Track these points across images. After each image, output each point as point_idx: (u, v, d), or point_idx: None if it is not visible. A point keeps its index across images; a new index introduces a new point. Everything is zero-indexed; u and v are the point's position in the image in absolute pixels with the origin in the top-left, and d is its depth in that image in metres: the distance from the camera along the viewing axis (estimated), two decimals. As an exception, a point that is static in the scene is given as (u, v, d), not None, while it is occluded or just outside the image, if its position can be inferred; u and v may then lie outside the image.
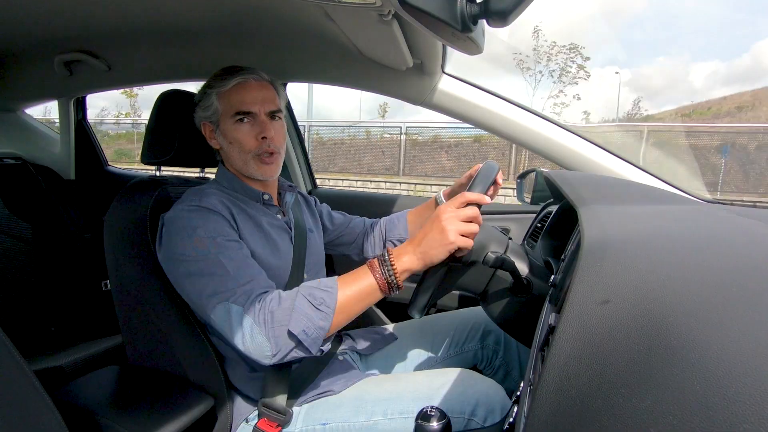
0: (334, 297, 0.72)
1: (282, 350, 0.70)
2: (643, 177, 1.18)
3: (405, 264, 0.74)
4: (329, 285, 0.74)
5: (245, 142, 0.87)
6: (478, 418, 0.77)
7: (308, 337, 0.69)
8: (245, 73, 0.88)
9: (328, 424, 0.80)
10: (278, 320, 0.69)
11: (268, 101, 0.88)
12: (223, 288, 0.72)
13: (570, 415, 0.26)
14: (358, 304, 0.74)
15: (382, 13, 0.73)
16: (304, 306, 0.70)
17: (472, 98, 1.21)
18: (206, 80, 0.95)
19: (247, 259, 0.78)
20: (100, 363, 1.33)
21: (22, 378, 0.53)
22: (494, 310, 0.88)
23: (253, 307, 0.70)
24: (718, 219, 0.59)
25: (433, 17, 0.52)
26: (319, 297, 0.71)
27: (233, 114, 0.86)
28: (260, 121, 0.87)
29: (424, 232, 0.74)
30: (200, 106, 0.91)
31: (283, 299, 0.72)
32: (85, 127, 1.88)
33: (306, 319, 0.69)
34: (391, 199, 1.61)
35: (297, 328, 0.69)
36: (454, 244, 0.72)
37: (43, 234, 1.57)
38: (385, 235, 1.15)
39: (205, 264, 0.74)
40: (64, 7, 0.99)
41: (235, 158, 0.89)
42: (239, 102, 0.86)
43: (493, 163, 0.87)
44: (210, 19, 1.05)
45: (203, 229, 0.77)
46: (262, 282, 0.75)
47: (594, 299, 0.32)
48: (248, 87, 0.87)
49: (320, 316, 0.70)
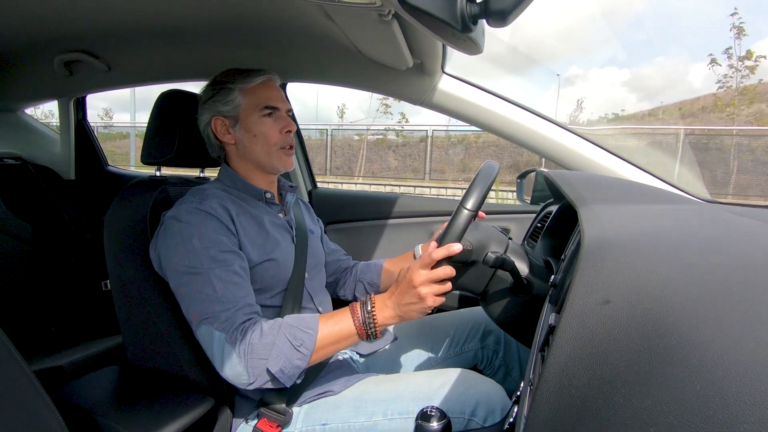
0: (314, 339, 0.74)
1: (258, 381, 0.73)
2: (643, 177, 1.18)
3: (386, 318, 0.77)
4: (310, 326, 0.75)
5: (271, 135, 0.92)
6: (478, 418, 0.77)
7: (284, 375, 0.72)
8: (268, 73, 0.95)
9: (328, 425, 0.80)
10: (258, 354, 0.72)
11: (286, 101, 0.96)
12: (208, 310, 0.74)
13: (570, 415, 0.26)
14: (334, 346, 0.77)
15: (382, 13, 0.73)
16: (284, 345, 0.73)
17: (472, 98, 1.21)
18: (207, 80, 0.96)
19: (236, 276, 0.78)
20: (100, 363, 1.33)
21: (22, 378, 0.53)
22: (494, 310, 0.88)
23: (235, 337, 0.72)
24: (718, 219, 0.59)
25: (433, 17, 0.52)
26: (299, 338, 0.73)
27: (261, 108, 0.91)
28: (283, 116, 0.94)
29: (401, 294, 0.76)
30: (215, 101, 0.92)
31: (264, 333, 0.73)
32: (85, 127, 1.88)
33: (284, 359, 0.72)
34: (392, 199, 1.61)
35: (275, 366, 0.72)
36: (432, 307, 0.76)
37: (43, 234, 1.57)
38: (358, 276, 1.15)
39: (194, 280, 0.75)
40: (64, 7, 0.99)
41: (257, 151, 0.92)
42: (267, 98, 0.92)
43: (492, 166, 0.84)
44: (210, 19, 1.05)
45: (198, 239, 0.77)
46: (246, 309, 0.76)
47: (594, 299, 0.32)
48: (272, 86, 0.95)
49: (298, 356, 0.73)
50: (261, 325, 0.74)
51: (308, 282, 0.95)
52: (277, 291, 0.88)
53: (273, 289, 0.88)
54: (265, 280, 0.86)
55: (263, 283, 0.86)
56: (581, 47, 40.98)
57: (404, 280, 0.76)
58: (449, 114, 1.26)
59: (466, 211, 0.76)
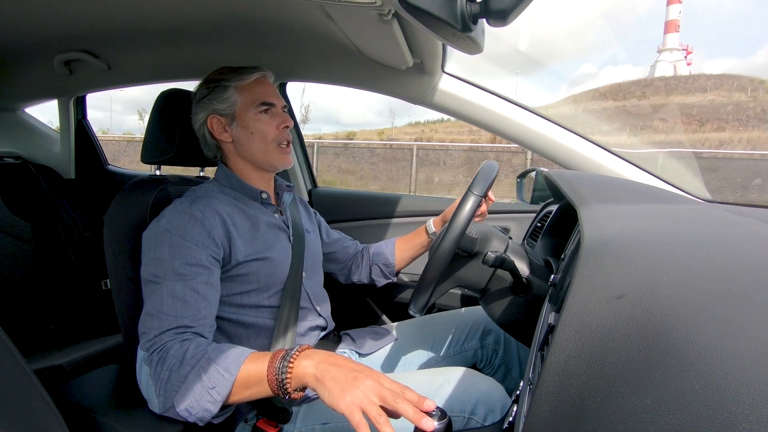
0: (229, 384, 0.64)
1: (169, 413, 0.67)
2: (643, 177, 1.18)
3: (304, 369, 0.62)
4: (229, 368, 0.65)
5: (268, 131, 0.91)
6: (478, 416, 0.77)
7: (191, 415, 0.65)
8: (261, 70, 0.94)
9: (328, 424, 0.80)
10: (171, 384, 0.65)
11: (281, 98, 0.95)
12: (146, 326, 0.72)
13: (569, 414, 0.26)
14: (251, 391, 0.66)
15: (382, 12, 0.73)
16: (195, 383, 0.64)
17: (472, 98, 1.21)
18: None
19: (191, 293, 0.74)
20: (100, 362, 1.33)
21: (22, 377, 0.53)
22: (494, 309, 0.88)
23: (152, 359, 0.68)
24: (717, 218, 0.59)
25: (433, 17, 0.52)
26: (213, 379, 0.64)
27: (258, 104, 0.91)
28: (279, 113, 0.94)
29: (341, 371, 0.59)
30: (211, 99, 0.91)
31: (184, 363, 0.66)
32: (85, 126, 1.88)
33: (192, 399, 0.64)
34: (392, 199, 1.61)
35: (181, 404, 0.64)
36: (346, 407, 0.56)
37: (43, 233, 1.57)
38: (372, 258, 1.16)
39: (154, 290, 0.74)
40: (65, 7, 0.99)
41: (254, 148, 0.92)
42: (262, 94, 0.92)
43: (493, 163, 0.88)
44: (210, 18, 1.05)
45: (169, 248, 0.76)
46: (181, 329, 0.71)
47: (594, 298, 0.32)
48: (266, 82, 0.94)
49: (209, 399, 0.64)
50: (185, 352, 0.67)
51: (306, 281, 0.95)
52: (275, 291, 0.88)
53: (270, 288, 0.88)
54: (262, 280, 0.86)
55: (260, 282, 0.86)
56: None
57: (354, 369, 0.60)
58: (449, 114, 1.26)
59: (474, 195, 0.78)
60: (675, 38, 34.28)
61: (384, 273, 1.16)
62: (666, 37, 34.53)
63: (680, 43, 34.52)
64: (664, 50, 34.58)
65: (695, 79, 27.61)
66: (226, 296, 0.84)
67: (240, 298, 0.85)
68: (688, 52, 34.69)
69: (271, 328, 0.87)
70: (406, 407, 0.55)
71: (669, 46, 34.48)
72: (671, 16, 34.14)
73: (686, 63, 34.33)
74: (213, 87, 0.92)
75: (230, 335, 0.87)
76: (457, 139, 16.96)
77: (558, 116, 1.31)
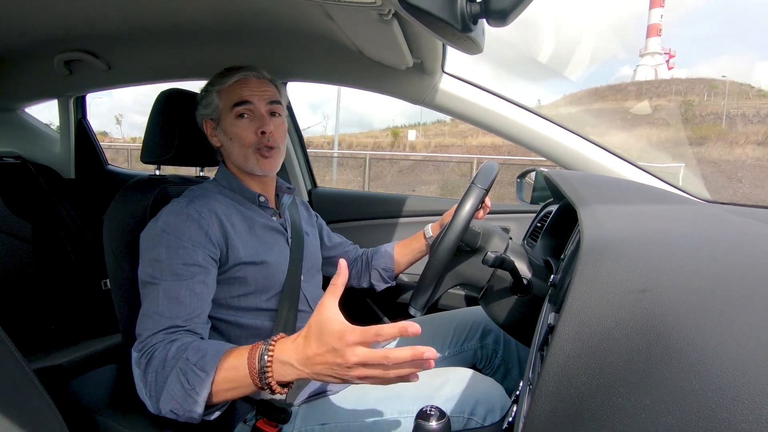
0: (207, 385, 0.63)
1: (162, 413, 0.66)
2: (643, 177, 1.18)
3: (285, 370, 0.61)
4: (205, 367, 0.63)
5: (245, 136, 0.88)
6: (477, 417, 0.77)
7: (179, 417, 0.65)
8: (245, 70, 0.90)
9: (327, 424, 0.80)
10: (158, 386, 0.65)
11: (267, 94, 0.90)
12: (142, 327, 0.71)
13: (569, 414, 0.26)
14: (236, 391, 0.65)
15: (382, 12, 0.73)
16: (175, 387, 0.64)
17: (472, 98, 1.21)
18: (207, 79, 0.96)
19: (186, 293, 0.73)
20: (99, 362, 1.33)
21: (22, 376, 0.53)
22: (494, 309, 0.88)
23: (141, 360, 0.68)
24: (717, 219, 0.59)
25: (433, 17, 0.52)
26: (191, 381, 0.63)
27: (232, 107, 0.88)
28: (259, 115, 0.89)
29: (324, 355, 0.59)
30: (201, 104, 0.93)
31: (166, 364, 0.65)
32: (85, 126, 1.88)
33: (176, 401, 0.64)
34: (392, 199, 1.61)
35: (165, 407, 0.64)
36: (351, 383, 0.61)
37: (43, 233, 1.57)
38: (371, 263, 1.16)
39: (151, 291, 0.74)
40: (65, 7, 0.99)
41: (235, 154, 0.90)
42: (237, 95, 0.88)
43: (494, 163, 0.88)
44: (210, 19, 1.05)
45: (166, 251, 0.75)
46: (171, 330, 0.70)
47: (595, 298, 0.32)
48: (248, 82, 0.89)
49: (191, 401, 0.63)
50: (168, 352, 0.66)
51: (304, 284, 0.94)
52: (273, 293, 0.88)
53: (268, 291, 0.87)
54: (259, 282, 0.86)
55: (257, 285, 0.86)
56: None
57: (330, 337, 0.58)
58: (449, 113, 1.26)
59: (478, 188, 0.78)
60: (657, 42, 34.45)
61: (383, 277, 1.16)
62: (648, 41, 34.65)
63: (662, 47, 34.65)
64: (646, 54, 34.66)
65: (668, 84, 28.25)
66: (224, 299, 0.84)
67: (238, 300, 0.85)
68: (670, 56, 34.75)
69: (270, 330, 0.87)
70: (398, 371, 0.62)
71: (651, 50, 34.57)
72: (653, 19, 34.25)
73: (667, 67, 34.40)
74: (204, 91, 0.93)
75: (229, 337, 0.86)
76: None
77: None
